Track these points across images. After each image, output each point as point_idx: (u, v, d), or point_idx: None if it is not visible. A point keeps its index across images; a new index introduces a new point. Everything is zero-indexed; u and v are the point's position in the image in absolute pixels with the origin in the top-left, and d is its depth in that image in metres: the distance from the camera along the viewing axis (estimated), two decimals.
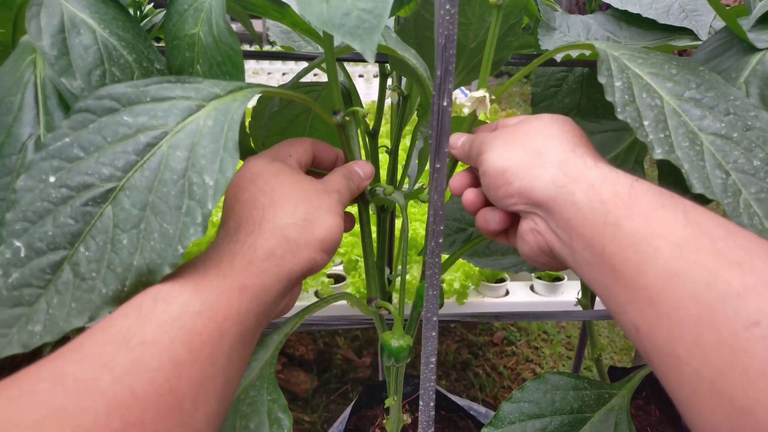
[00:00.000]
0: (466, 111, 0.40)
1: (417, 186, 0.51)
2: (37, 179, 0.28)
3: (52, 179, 0.28)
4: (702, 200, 0.31)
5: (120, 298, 0.27)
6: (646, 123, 0.33)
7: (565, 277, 1.13)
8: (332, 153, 0.43)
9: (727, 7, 0.49)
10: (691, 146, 0.32)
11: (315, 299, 1.09)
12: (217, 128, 0.30)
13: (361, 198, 0.43)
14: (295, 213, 0.34)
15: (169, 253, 0.27)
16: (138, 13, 0.58)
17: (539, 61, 0.42)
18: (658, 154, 0.32)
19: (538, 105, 0.61)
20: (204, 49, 0.37)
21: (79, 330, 0.28)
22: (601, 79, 0.35)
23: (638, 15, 0.50)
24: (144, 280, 0.27)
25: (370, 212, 0.47)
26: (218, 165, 0.29)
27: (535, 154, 0.34)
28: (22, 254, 0.27)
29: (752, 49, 0.43)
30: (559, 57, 0.48)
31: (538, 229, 0.35)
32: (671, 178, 0.33)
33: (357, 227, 0.44)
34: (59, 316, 0.27)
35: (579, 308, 0.79)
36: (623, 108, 0.33)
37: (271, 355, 0.38)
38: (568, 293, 1.12)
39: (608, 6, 0.53)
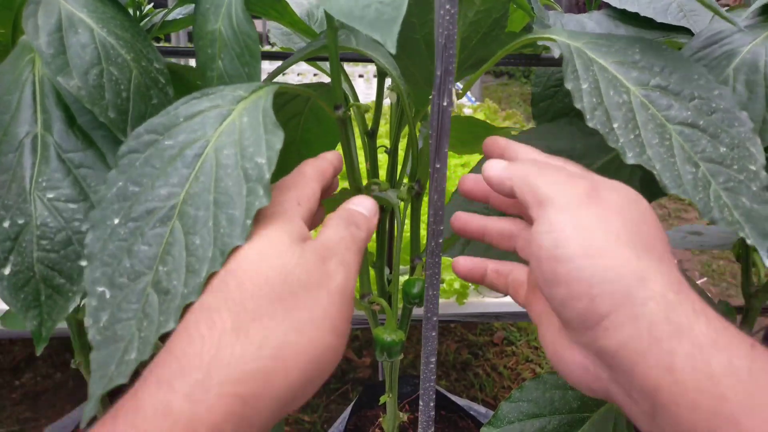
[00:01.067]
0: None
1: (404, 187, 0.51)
2: (103, 228, 0.29)
3: (116, 221, 0.29)
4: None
5: (197, 291, 0.27)
6: (615, 125, 0.33)
7: None
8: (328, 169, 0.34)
9: (727, 8, 0.49)
10: (660, 142, 0.33)
11: None
12: (254, 121, 0.31)
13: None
14: (264, 346, 0.23)
15: (237, 231, 0.28)
16: (138, 12, 0.58)
17: (502, 53, 0.42)
18: (630, 158, 0.32)
19: (538, 105, 0.61)
20: (225, 43, 0.38)
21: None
22: (568, 85, 0.34)
23: (636, 14, 0.50)
24: (216, 263, 0.27)
25: None
26: (264, 145, 0.30)
27: (633, 275, 0.25)
28: (107, 296, 0.28)
29: (744, 40, 0.43)
30: (557, 55, 0.48)
31: (595, 372, 0.26)
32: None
33: None
34: (150, 335, 0.27)
35: None
36: (592, 113, 0.33)
37: None
38: None
39: (607, 5, 0.53)
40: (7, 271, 0.33)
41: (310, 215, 0.31)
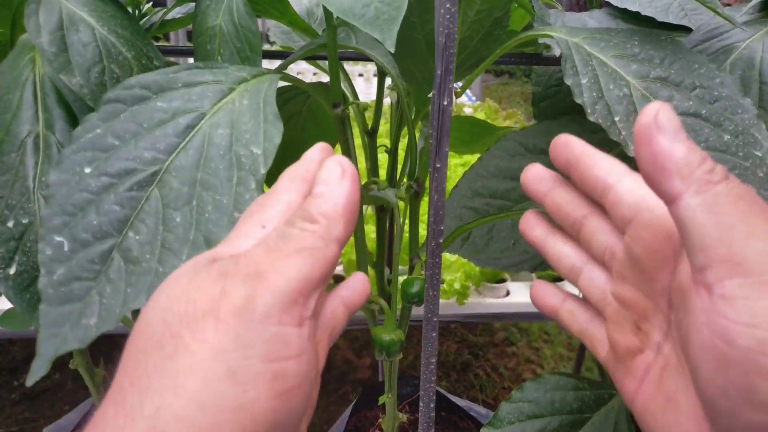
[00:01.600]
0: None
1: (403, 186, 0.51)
2: (71, 172, 0.27)
3: (87, 170, 0.28)
4: None
5: None
6: (617, 119, 0.33)
7: None
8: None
9: (728, 6, 0.49)
10: None
11: None
12: (253, 106, 0.31)
13: None
14: (138, 417, 0.17)
15: (225, 221, 0.28)
16: (137, 11, 0.58)
17: (501, 51, 0.42)
18: (633, 150, 0.32)
19: (539, 104, 0.61)
20: (225, 38, 0.38)
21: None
22: (567, 80, 0.34)
23: (637, 13, 0.50)
24: (200, 251, 0.27)
25: (369, 212, 0.46)
26: (262, 135, 0.29)
27: None
28: (66, 248, 0.26)
29: (742, 36, 0.44)
30: (558, 53, 0.48)
31: None
32: None
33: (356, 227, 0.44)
34: (114, 304, 0.26)
35: None
36: (593, 108, 0.33)
37: None
38: None
39: (608, 4, 0.53)
40: (12, 270, 0.33)
41: None
